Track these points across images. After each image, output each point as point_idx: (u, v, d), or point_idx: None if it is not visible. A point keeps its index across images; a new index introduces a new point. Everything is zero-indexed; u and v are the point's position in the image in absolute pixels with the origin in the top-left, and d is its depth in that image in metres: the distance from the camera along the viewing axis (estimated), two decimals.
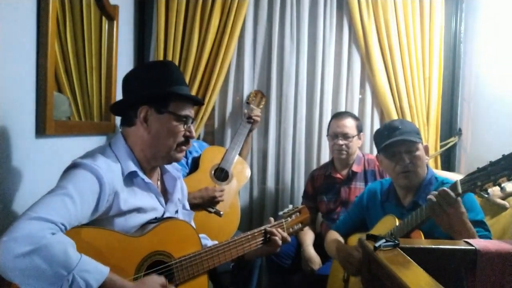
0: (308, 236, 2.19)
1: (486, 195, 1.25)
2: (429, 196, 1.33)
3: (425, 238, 1.41)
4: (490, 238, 1.41)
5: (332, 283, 1.89)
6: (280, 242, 1.47)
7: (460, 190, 1.27)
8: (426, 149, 1.66)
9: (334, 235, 1.89)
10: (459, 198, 1.29)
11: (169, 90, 1.22)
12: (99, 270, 0.96)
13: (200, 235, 1.49)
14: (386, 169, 1.71)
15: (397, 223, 1.50)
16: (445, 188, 1.29)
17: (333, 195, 2.23)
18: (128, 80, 1.28)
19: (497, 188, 1.84)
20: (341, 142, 2.18)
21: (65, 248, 0.91)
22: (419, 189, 1.60)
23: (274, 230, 1.47)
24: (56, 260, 0.89)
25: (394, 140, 1.58)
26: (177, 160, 1.30)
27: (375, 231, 1.61)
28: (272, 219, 1.54)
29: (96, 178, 1.08)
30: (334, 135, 2.21)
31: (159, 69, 1.28)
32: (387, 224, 1.57)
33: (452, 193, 1.27)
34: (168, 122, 1.22)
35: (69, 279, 0.89)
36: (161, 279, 1.10)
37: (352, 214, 1.88)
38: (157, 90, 1.22)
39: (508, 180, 1.17)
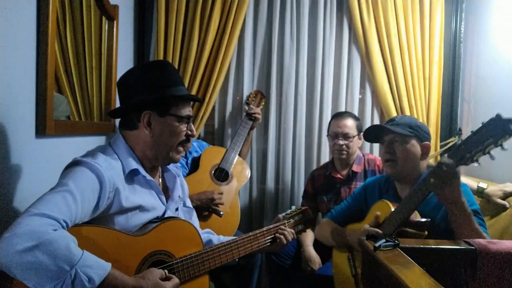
0: (308, 236, 2.19)
1: (477, 163, 1.22)
2: (428, 171, 1.36)
3: (424, 218, 1.43)
4: (485, 228, 1.42)
5: (340, 282, 1.87)
6: (285, 242, 1.48)
7: (449, 162, 1.27)
8: (426, 147, 1.62)
9: (328, 222, 1.90)
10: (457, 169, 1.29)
11: (169, 93, 1.23)
12: (101, 266, 0.96)
13: (205, 230, 1.50)
14: None
15: (392, 208, 1.51)
16: (441, 161, 1.30)
17: (333, 195, 2.24)
18: (125, 84, 1.27)
19: (496, 188, 1.85)
20: (341, 142, 2.18)
21: (68, 244, 0.92)
22: (416, 184, 1.61)
23: (285, 232, 1.48)
24: (59, 255, 0.89)
25: (374, 125, 1.73)
26: (175, 161, 1.31)
27: (369, 216, 1.64)
28: (281, 216, 1.56)
29: (96, 176, 1.08)
30: (334, 135, 2.21)
31: (156, 71, 1.26)
32: (381, 209, 1.58)
33: (449, 161, 1.26)
34: (171, 124, 1.24)
35: (72, 274, 0.89)
36: (160, 272, 1.10)
37: (351, 205, 1.88)
38: (158, 94, 1.22)
39: (496, 146, 1.15)
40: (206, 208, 2.06)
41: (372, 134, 1.73)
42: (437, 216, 1.50)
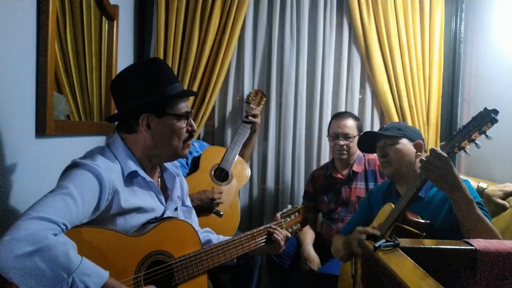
0: (308, 236, 2.19)
1: (465, 152, 1.34)
2: (421, 158, 1.42)
3: (423, 219, 1.46)
4: (489, 219, 1.43)
5: (342, 282, 1.88)
6: (282, 241, 1.47)
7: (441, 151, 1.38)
8: (419, 145, 1.69)
9: (339, 236, 1.90)
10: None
11: (164, 93, 1.22)
12: (99, 274, 0.96)
13: (204, 229, 1.49)
14: None
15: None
16: (433, 148, 1.38)
17: (334, 195, 2.24)
18: (118, 88, 1.26)
19: (496, 188, 1.85)
20: (341, 142, 2.18)
21: (67, 250, 0.91)
22: None
23: (276, 230, 1.48)
24: (57, 262, 0.89)
25: (364, 133, 1.85)
26: (185, 156, 1.32)
27: (376, 221, 1.65)
28: (278, 215, 1.56)
29: (96, 178, 1.08)
30: (334, 136, 2.22)
31: (149, 72, 1.24)
32: (386, 211, 1.60)
33: (440, 151, 1.35)
34: (170, 123, 1.24)
35: (69, 281, 0.89)
36: None
37: (358, 217, 1.89)
38: (153, 96, 1.21)
39: (480, 134, 1.28)
40: (206, 207, 2.06)
41: (365, 144, 1.82)
42: (438, 218, 1.51)
